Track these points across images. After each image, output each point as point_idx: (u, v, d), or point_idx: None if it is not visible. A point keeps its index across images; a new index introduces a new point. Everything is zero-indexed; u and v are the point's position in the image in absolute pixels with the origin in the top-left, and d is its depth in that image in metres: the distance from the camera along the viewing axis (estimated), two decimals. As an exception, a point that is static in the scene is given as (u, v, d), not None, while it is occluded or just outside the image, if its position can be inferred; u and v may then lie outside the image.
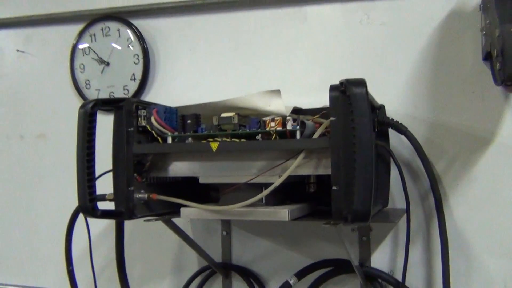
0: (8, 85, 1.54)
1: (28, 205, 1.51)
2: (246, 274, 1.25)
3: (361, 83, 0.73)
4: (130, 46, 1.38)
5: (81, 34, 1.43)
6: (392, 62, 1.15)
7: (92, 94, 1.43)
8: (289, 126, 0.84)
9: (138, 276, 1.37)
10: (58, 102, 1.48)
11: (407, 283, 1.09)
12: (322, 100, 1.17)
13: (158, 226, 1.33)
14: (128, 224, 1.31)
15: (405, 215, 1.05)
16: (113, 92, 1.40)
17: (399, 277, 1.11)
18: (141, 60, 1.37)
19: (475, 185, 1.08)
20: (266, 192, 0.85)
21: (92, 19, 1.41)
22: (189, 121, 0.93)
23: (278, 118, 0.85)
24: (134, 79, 1.38)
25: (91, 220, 1.14)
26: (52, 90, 1.49)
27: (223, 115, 0.89)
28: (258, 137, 0.87)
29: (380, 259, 1.15)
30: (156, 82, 1.37)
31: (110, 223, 1.35)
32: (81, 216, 1.15)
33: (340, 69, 1.20)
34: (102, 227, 1.37)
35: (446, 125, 1.11)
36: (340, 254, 1.18)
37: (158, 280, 1.36)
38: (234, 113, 0.88)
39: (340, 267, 1.15)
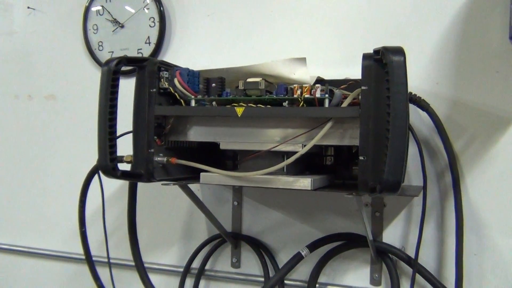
0: (18, 42, 1.51)
1: (36, 166, 1.49)
2: (256, 244, 1.25)
3: (400, 50, 0.71)
4: (145, 8, 1.35)
5: (95, -7, 1.39)
6: (416, 36, 1.13)
7: (104, 56, 1.40)
8: (317, 94, 0.82)
9: (146, 242, 1.36)
10: (69, 63, 1.45)
11: (418, 260, 1.10)
12: (342, 72, 1.17)
13: (168, 193, 1.34)
14: (138, 189, 1.30)
15: (422, 191, 1.05)
16: (126, 56, 1.37)
17: (410, 253, 1.11)
18: (157, 24, 1.33)
19: (492, 166, 1.07)
20: (290, 160, 0.84)
21: (108, -22, 1.38)
22: (213, 85, 0.91)
23: (307, 85, 0.83)
24: (149, 43, 1.35)
25: (104, 183, 1.13)
26: (63, 50, 1.46)
27: (249, 80, 0.87)
28: (285, 103, 0.85)
29: (392, 235, 1.15)
30: (172, 47, 1.34)
31: (121, 188, 1.34)
32: (94, 178, 1.14)
33: (362, 41, 1.17)
34: (112, 192, 1.36)
35: (467, 103, 1.09)
36: (351, 228, 1.17)
37: (167, 247, 1.35)
38: (261, 78, 0.87)
39: (352, 241, 1.15)
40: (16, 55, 1.51)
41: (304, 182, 0.86)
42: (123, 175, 0.89)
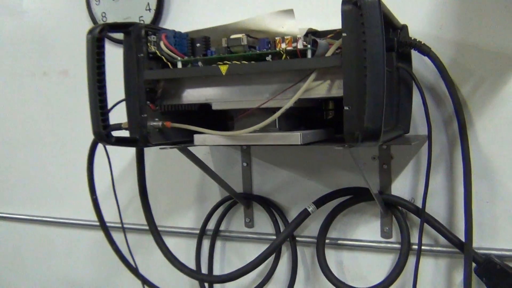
0: (31, 21, 1.54)
1: (53, 139, 1.55)
2: (267, 203, 1.26)
3: (373, -9, 0.68)
4: (144, -25, 1.34)
5: (94, -36, 1.40)
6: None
7: (109, 28, 1.41)
8: (300, 45, 0.80)
9: (163, 207, 1.41)
10: (77, 36, 1.47)
11: (428, 210, 1.08)
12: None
13: (180, 159, 1.35)
14: (151, 157, 1.33)
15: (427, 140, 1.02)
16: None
17: (420, 205, 1.09)
18: (156, -11, 1.33)
19: (503, 109, 1.02)
20: (276, 114, 0.83)
21: None
22: (198, 45, 0.90)
23: (289, 37, 0.81)
24: (149, 9, 1.34)
25: (116, 154, 1.16)
26: (71, 24, 1.48)
27: (232, 36, 0.86)
28: (268, 58, 0.83)
29: (401, 188, 1.13)
30: (172, 12, 1.34)
31: (134, 157, 1.38)
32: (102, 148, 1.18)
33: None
34: (127, 162, 1.40)
35: (474, 44, 1.03)
36: (361, 183, 1.16)
37: (183, 211, 1.39)
38: (243, 34, 0.85)
39: (359, 195, 1.14)
40: (30, 33, 1.55)
41: (294, 137, 0.85)
42: (118, 141, 0.91)
